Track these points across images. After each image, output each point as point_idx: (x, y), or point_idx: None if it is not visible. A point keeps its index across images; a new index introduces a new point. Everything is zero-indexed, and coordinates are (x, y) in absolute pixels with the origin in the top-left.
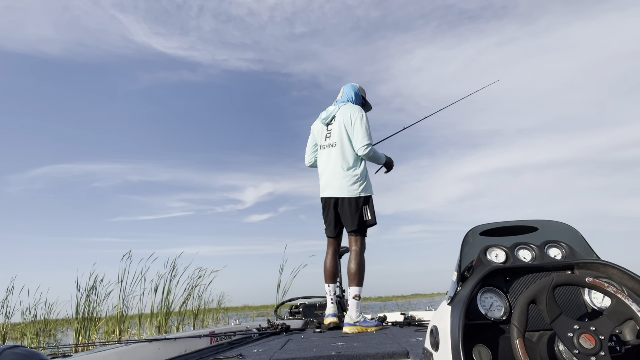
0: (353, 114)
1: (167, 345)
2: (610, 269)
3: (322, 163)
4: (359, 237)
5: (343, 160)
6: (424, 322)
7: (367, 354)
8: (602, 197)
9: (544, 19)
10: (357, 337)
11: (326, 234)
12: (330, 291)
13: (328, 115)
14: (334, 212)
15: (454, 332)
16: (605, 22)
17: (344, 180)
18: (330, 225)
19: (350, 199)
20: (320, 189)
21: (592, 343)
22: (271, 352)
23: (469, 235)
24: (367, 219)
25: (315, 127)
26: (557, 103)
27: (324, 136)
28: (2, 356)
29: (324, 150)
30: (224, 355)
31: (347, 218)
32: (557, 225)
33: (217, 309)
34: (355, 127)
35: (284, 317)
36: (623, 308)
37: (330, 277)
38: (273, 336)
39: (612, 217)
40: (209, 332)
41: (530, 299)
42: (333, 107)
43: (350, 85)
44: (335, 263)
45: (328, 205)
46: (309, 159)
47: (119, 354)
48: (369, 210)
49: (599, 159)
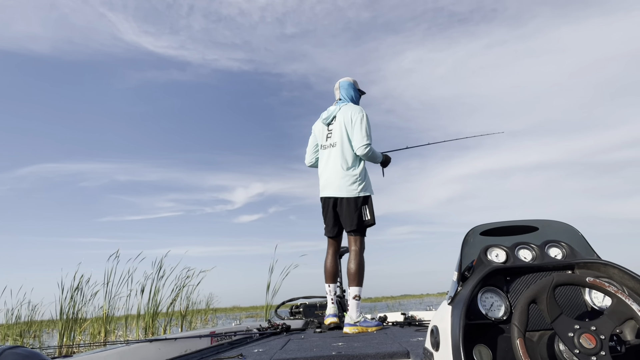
0: (354, 114)
1: (168, 345)
2: (611, 269)
3: (322, 163)
4: (358, 237)
5: (343, 160)
6: (424, 322)
7: (367, 354)
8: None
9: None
10: (357, 337)
11: (325, 234)
12: (331, 291)
13: (329, 116)
14: (333, 212)
15: (454, 332)
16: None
17: (343, 180)
18: (329, 225)
19: (349, 199)
20: (319, 189)
21: (593, 343)
22: (272, 352)
23: (470, 235)
24: (366, 219)
25: (317, 127)
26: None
27: (324, 136)
28: (2, 356)
29: (324, 150)
30: (224, 355)
31: (345, 218)
32: (558, 225)
33: (205, 310)
34: (355, 127)
35: (284, 317)
36: (624, 308)
37: (330, 277)
38: (273, 336)
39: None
40: (210, 332)
41: (531, 299)
42: (334, 107)
43: (347, 83)
44: (335, 263)
45: (327, 205)
46: (309, 159)
47: (119, 354)
48: (368, 210)
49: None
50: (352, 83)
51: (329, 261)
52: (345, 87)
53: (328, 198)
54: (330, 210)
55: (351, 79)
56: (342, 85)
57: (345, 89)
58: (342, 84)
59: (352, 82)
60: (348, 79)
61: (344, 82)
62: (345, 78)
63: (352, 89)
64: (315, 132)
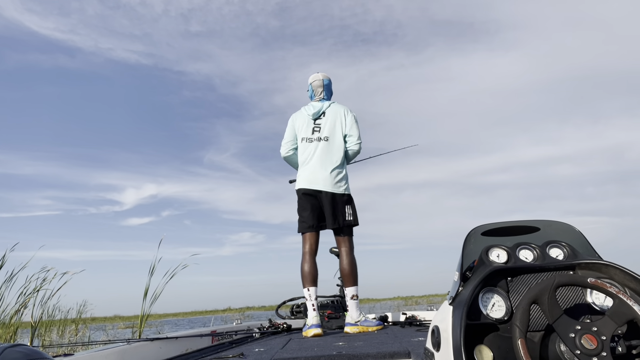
0: (347, 112)
1: (169, 344)
2: (612, 270)
3: (305, 156)
4: (347, 236)
5: (332, 155)
6: (425, 322)
7: (368, 354)
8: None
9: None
10: (358, 336)
11: (302, 230)
12: (312, 296)
13: (318, 111)
14: (316, 205)
15: (455, 332)
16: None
17: (331, 175)
18: (309, 219)
19: (335, 194)
20: (300, 182)
21: (594, 343)
22: (272, 351)
23: (471, 235)
24: (349, 219)
25: (299, 119)
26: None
27: (310, 129)
28: (3, 355)
29: (310, 144)
30: (225, 354)
31: (330, 214)
32: (559, 226)
33: (75, 320)
34: (353, 126)
35: (285, 316)
36: (625, 309)
37: (311, 279)
38: (274, 335)
39: None
40: (211, 332)
41: (532, 299)
42: (320, 104)
43: (329, 81)
44: (314, 262)
45: (309, 198)
46: (287, 149)
47: (120, 353)
48: (352, 210)
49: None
50: (329, 81)
51: (307, 262)
52: (328, 85)
53: (313, 191)
54: (313, 203)
55: (328, 76)
56: (326, 83)
57: (328, 87)
58: (325, 81)
59: (329, 80)
60: (327, 76)
61: (327, 81)
62: (324, 75)
63: (331, 87)
64: (297, 124)
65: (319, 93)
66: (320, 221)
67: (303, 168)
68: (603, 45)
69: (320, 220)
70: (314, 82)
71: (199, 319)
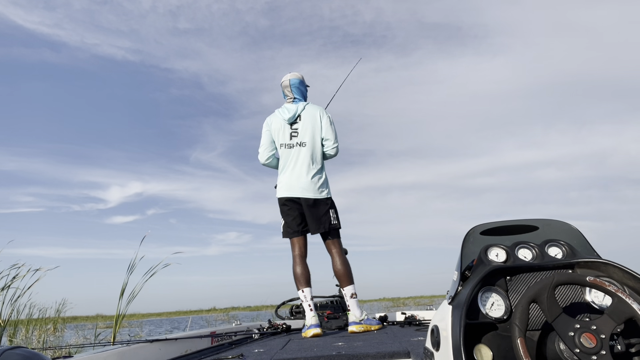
0: (322, 114)
1: (168, 345)
2: (611, 268)
3: (287, 162)
4: (335, 239)
5: (313, 160)
6: (424, 322)
7: (368, 354)
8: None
9: (416, 53)
10: (357, 336)
11: (288, 236)
12: (307, 296)
13: (293, 115)
14: (299, 212)
15: (454, 332)
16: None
17: (312, 180)
18: (293, 225)
19: (317, 200)
20: (281, 189)
21: (593, 342)
22: (272, 352)
23: (470, 235)
24: (333, 222)
25: (275, 124)
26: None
27: (288, 135)
28: (2, 357)
29: (290, 150)
30: (225, 355)
31: (314, 220)
32: (558, 225)
33: (53, 319)
34: (328, 128)
35: (285, 317)
36: (624, 307)
37: (305, 281)
38: (274, 336)
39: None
40: (210, 333)
41: (531, 298)
42: (294, 106)
43: (298, 81)
44: (305, 264)
45: (292, 205)
46: (266, 156)
47: (120, 354)
48: (335, 214)
49: (453, 184)
50: (302, 80)
51: (299, 264)
52: (296, 86)
53: (295, 198)
54: (295, 210)
55: (299, 75)
56: (293, 83)
57: (297, 87)
58: (292, 82)
59: (302, 80)
60: (297, 75)
61: (295, 80)
62: (293, 75)
63: (302, 86)
64: (273, 129)
65: (289, 94)
66: (304, 226)
67: (283, 175)
68: (588, 52)
69: (305, 225)
70: (282, 82)
71: (183, 319)
